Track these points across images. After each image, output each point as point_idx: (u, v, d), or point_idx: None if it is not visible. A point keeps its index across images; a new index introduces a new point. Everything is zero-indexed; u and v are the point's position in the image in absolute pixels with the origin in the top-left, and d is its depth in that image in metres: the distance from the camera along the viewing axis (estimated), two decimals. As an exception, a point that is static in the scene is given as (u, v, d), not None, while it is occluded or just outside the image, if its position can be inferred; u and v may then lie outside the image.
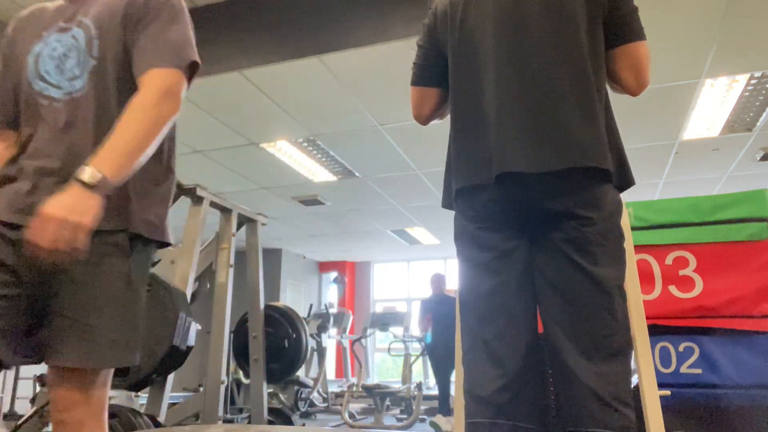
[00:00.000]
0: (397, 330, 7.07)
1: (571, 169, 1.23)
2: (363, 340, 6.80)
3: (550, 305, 1.26)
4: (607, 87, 1.41)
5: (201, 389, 2.90)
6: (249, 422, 3.47)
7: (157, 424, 2.25)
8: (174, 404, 2.93)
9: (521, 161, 1.24)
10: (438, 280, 5.88)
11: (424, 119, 1.57)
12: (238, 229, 3.25)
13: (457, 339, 1.81)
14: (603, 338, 1.21)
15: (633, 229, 2.25)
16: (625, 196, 1.42)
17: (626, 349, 1.23)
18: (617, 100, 1.54)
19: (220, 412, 2.75)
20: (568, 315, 1.23)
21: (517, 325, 1.27)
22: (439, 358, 5.58)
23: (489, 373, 1.26)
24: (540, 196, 1.26)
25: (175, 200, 2.75)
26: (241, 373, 5.29)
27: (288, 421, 3.54)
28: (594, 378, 1.18)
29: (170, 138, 1.34)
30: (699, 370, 2.11)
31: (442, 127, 1.62)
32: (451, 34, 1.43)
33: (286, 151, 5.38)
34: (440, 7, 1.48)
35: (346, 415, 5.29)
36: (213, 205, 2.96)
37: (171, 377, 2.42)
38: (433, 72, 1.50)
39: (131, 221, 1.21)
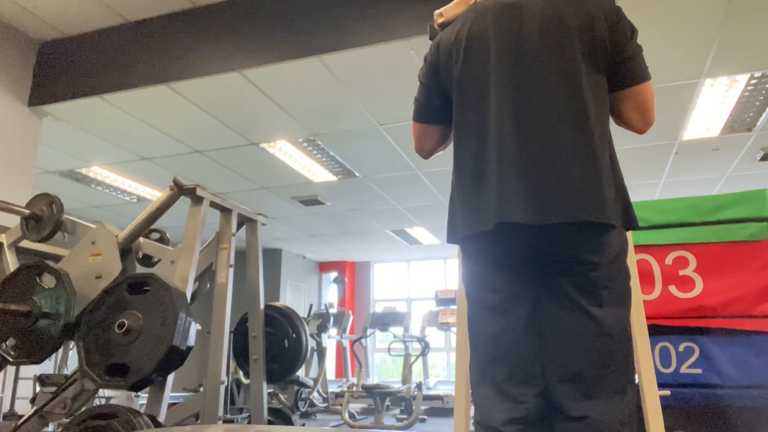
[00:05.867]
0: (397, 330, 7.06)
1: (571, 222, 1.23)
2: (363, 340, 6.80)
3: (552, 346, 1.27)
4: (611, 119, 1.40)
5: (201, 389, 2.90)
6: (249, 422, 3.46)
7: (157, 424, 2.25)
8: (174, 404, 2.93)
9: (521, 212, 1.24)
10: None
11: (426, 153, 1.59)
12: (238, 229, 3.24)
13: (458, 346, 1.81)
14: (602, 378, 1.22)
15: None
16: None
17: (627, 387, 1.24)
18: (617, 100, 1.54)
19: (220, 412, 2.75)
20: (569, 356, 1.24)
21: (527, 365, 1.28)
22: None
23: (501, 407, 1.26)
24: (542, 245, 1.26)
25: (175, 200, 2.75)
26: (241, 373, 5.29)
27: (288, 421, 3.54)
28: (594, 416, 1.19)
29: None
30: (699, 370, 2.11)
31: (442, 127, 1.63)
32: (454, 71, 1.42)
33: (286, 151, 5.38)
34: (443, 44, 1.47)
35: (346, 415, 5.29)
36: (213, 205, 2.95)
37: (171, 377, 2.42)
38: (434, 110, 1.50)
39: None
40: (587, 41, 1.30)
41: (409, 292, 11.04)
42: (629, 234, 1.59)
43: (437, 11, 1.57)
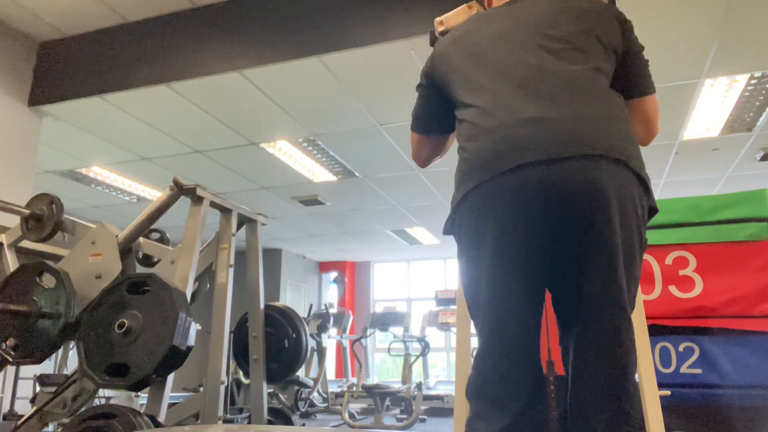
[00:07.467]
0: (397, 330, 7.06)
1: (607, 156, 1.11)
2: (363, 340, 6.80)
3: (564, 321, 1.21)
4: None
5: (201, 389, 2.90)
6: (249, 422, 3.46)
7: (157, 424, 2.25)
8: (174, 404, 2.93)
9: (540, 150, 1.12)
10: None
11: (422, 162, 1.60)
12: (238, 229, 3.24)
13: (458, 346, 1.81)
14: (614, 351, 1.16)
15: (633, 229, 2.24)
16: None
17: (633, 366, 1.17)
18: (617, 100, 1.54)
19: (220, 412, 2.75)
20: (581, 331, 1.17)
21: (525, 339, 1.19)
22: None
23: (499, 388, 1.19)
24: (563, 187, 1.11)
25: (175, 200, 2.75)
26: (241, 373, 5.29)
27: (288, 421, 3.53)
28: (603, 388, 1.13)
29: None
30: (699, 370, 2.11)
31: (442, 127, 1.63)
32: (450, 64, 1.37)
33: (286, 151, 5.38)
34: (437, 50, 1.45)
35: (346, 415, 5.29)
36: (213, 205, 2.95)
37: (171, 377, 2.41)
38: (431, 121, 1.50)
39: None
40: (603, 33, 1.27)
41: (409, 292, 11.04)
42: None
43: (438, 19, 1.59)
